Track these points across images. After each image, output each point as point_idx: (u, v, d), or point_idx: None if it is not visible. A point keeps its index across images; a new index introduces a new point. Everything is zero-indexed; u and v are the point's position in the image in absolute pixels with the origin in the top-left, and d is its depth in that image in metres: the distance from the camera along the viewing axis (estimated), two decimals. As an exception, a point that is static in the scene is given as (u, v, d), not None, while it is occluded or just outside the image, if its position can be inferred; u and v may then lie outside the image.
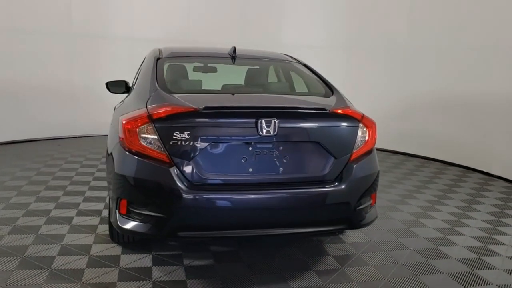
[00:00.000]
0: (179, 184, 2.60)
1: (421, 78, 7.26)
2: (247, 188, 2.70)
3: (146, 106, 2.79)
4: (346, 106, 2.99)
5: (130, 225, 2.76)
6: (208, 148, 2.67)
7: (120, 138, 2.81)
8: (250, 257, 3.30)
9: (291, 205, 2.72)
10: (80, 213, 4.09)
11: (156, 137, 2.66)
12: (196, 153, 2.65)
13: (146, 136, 2.68)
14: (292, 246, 3.53)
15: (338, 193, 2.79)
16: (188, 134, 2.63)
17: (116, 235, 3.32)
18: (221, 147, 2.70)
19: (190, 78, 3.61)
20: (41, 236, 3.51)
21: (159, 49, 3.92)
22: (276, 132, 2.69)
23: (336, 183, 2.82)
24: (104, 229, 3.72)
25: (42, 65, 7.86)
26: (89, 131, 8.53)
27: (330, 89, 3.36)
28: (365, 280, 3.01)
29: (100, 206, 4.31)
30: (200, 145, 2.65)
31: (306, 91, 3.50)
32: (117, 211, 2.84)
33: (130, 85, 5.24)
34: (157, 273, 3.00)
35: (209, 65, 4.13)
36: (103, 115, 8.44)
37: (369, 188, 2.95)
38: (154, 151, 2.66)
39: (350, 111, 2.93)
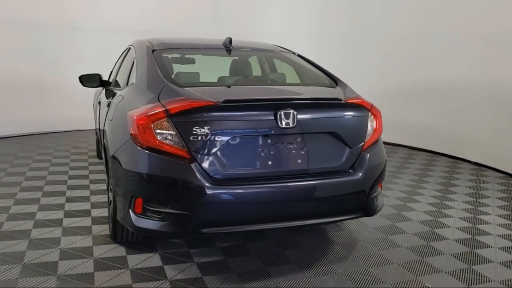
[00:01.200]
0: (202, 180, 2.53)
1: (393, 67, 7.44)
2: (268, 181, 2.67)
3: (159, 101, 2.68)
4: (357, 96, 3.02)
5: (147, 224, 2.66)
6: (228, 142, 2.61)
7: (131, 134, 2.69)
8: (260, 250, 3.29)
9: (312, 196, 2.72)
10: (68, 215, 3.88)
11: (174, 132, 2.57)
12: (217, 148, 2.59)
13: (163, 131, 2.59)
14: (297, 237, 3.54)
15: (356, 182, 2.83)
16: (208, 129, 2.56)
17: (120, 235, 3.18)
18: (240, 141, 2.65)
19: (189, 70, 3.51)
20: (35, 241, 3.30)
21: (147, 41, 3.78)
22: (295, 124, 2.68)
23: (352, 173, 2.86)
24: (99, 230, 3.56)
25: (2, 58, 7.37)
26: (51, 128, 8.13)
27: (333, 79, 3.38)
28: (376, 265, 3.08)
29: (86, 206, 4.12)
30: (220, 139, 2.59)
31: (310, 81, 3.49)
32: (130, 210, 2.73)
33: (105, 78, 5.06)
34: (170, 272, 2.92)
35: (186, 56, 4.03)
36: (69, 111, 8.12)
37: (379, 176, 3.01)
38: (172, 147, 2.57)
39: (362, 101, 2.97)
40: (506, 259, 3.23)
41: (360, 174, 2.85)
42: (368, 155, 2.93)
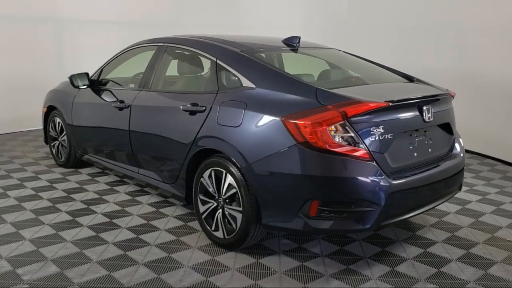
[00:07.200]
0: (384, 175, 2.75)
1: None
2: (421, 169, 3.04)
3: (323, 104, 2.77)
4: (447, 89, 3.51)
5: (327, 224, 2.79)
6: (392, 138, 2.86)
7: (299, 140, 2.72)
8: (336, 239, 3.46)
9: (449, 177, 3.21)
10: (138, 232, 3.56)
11: (352, 134, 2.72)
12: (386, 145, 2.83)
13: (340, 134, 2.71)
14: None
15: (462, 163, 3.40)
16: (382, 128, 2.78)
17: (249, 239, 3.11)
18: (399, 136, 2.93)
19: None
20: (154, 265, 3.03)
21: (208, 39, 3.67)
22: (432, 118, 3.06)
23: (454, 155, 3.39)
24: (193, 241, 3.42)
25: None
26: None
27: (400, 74, 3.79)
28: (450, 230, 3.68)
29: (137, 220, 3.80)
30: (388, 136, 2.83)
31: (388, 78, 3.77)
32: (300, 213, 2.78)
33: (92, 77, 4.67)
34: (319, 268, 3.04)
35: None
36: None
37: None
38: (353, 148, 2.72)
39: (454, 93, 3.48)
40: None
41: (462, 156, 3.41)
42: (459, 139, 3.50)
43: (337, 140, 2.71)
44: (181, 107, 3.47)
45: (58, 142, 5.32)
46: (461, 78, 6.03)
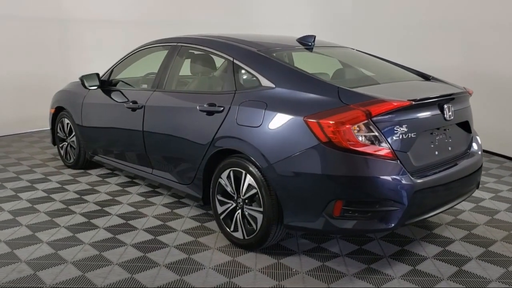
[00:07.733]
0: (408, 175, 2.74)
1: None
2: (442, 168, 3.03)
3: (346, 103, 2.76)
4: (465, 87, 3.51)
5: (351, 224, 2.78)
6: (417, 138, 2.86)
7: (322, 140, 2.71)
8: (362, 239, 3.50)
9: (468, 175, 3.20)
10: (153, 233, 3.55)
11: (376, 133, 2.71)
12: (411, 144, 2.83)
13: (364, 133, 2.70)
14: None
15: (480, 160, 3.39)
16: (406, 127, 2.78)
17: (270, 239, 3.10)
18: (421, 136, 2.93)
19: None
20: (175, 266, 3.01)
21: (223, 38, 3.66)
22: (453, 116, 3.06)
23: (472, 153, 3.38)
24: (210, 242, 3.40)
25: None
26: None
27: (415, 72, 3.78)
28: (467, 228, 3.68)
29: (153, 221, 3.78)
30: (411, 135, 2.83)
31: (406, 76, 3.75)
32: (324, 213, 2.77)
33: (103, 78, 4.65)
34: (340, 267, 3.03)
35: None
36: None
37: None
38: (377, 147, 2.71)
39: (472, 91, 3.48)
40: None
41: (479, 154, 3.41)
42: (476, 137, 3.49)
43: (361, 139, 2.70)
44: (197, 107, 3.45)
45: (66, 143, 5.29)
46: (468, 77, 6.05)
